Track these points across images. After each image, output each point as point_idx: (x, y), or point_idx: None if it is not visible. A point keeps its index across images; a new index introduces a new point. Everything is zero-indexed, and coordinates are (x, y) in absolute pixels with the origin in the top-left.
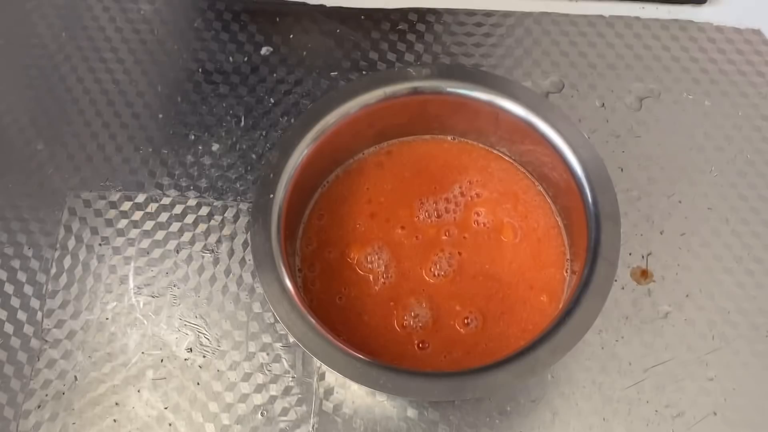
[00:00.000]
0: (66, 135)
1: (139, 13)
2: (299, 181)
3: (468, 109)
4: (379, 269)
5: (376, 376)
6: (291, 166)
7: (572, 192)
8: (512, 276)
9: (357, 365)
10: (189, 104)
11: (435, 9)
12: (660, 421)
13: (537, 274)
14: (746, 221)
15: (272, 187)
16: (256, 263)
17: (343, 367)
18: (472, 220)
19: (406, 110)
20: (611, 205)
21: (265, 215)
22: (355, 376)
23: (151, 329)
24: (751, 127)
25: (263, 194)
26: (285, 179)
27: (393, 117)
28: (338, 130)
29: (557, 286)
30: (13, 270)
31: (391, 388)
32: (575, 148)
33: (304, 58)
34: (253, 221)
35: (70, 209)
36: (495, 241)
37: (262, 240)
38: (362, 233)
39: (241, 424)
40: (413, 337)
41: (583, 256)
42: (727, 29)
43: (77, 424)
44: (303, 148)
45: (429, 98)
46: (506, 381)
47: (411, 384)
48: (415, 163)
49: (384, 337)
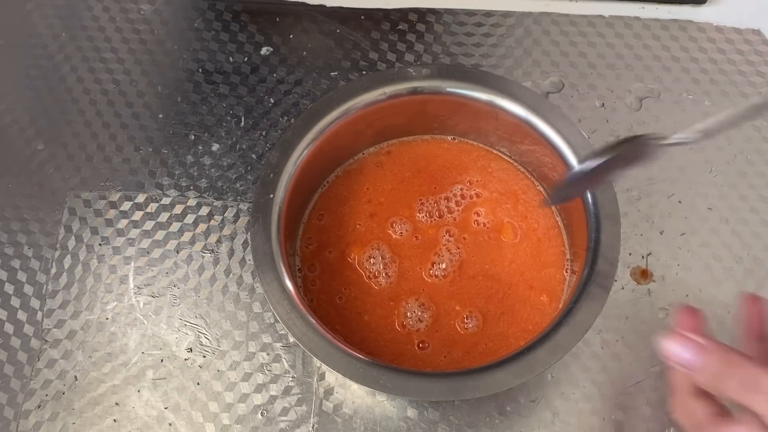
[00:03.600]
0: (66, 135)
1: (139, 13)
2: (299, 181)
3: (468, 109)
4: (378, 269)
5: (376, 376)
6: (291, 165)
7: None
8: (512, 276)
9: (357, 365)
10: (189, 104)
11: (435, 9)
12: (660, 421)
13: (537, 273)
14: (746, 221)
15: (272, 187)
16: (256, 263)
17: (344, 367)
18: (472, 220)
19: (406, 110)
20: (611, 205)
21: (265, 215)
22: (356, 376)
23: (151, 329)
24: (751, 127)
25: (263, 194)
26: (285, 179)
27: (393, 117)
28: (338, 130)
29: (557, 285)
30: (13, 270)
31: (391, 388)
32: (575, 148)
33: (304, 58)
34: (253, 221)
35: (70, 209)
36: (495, 241)
37: (262, 240)
38: (362, 233)
39: (241, 424)
40: (413, 337)
41: (583, 255)
42: (727, 29)
43: (77, 424)
44: (303, 148)
45: (429, 98)
46: (506, 381)
47: (411, 384)
48: (415, 162)
49: (384, 336)
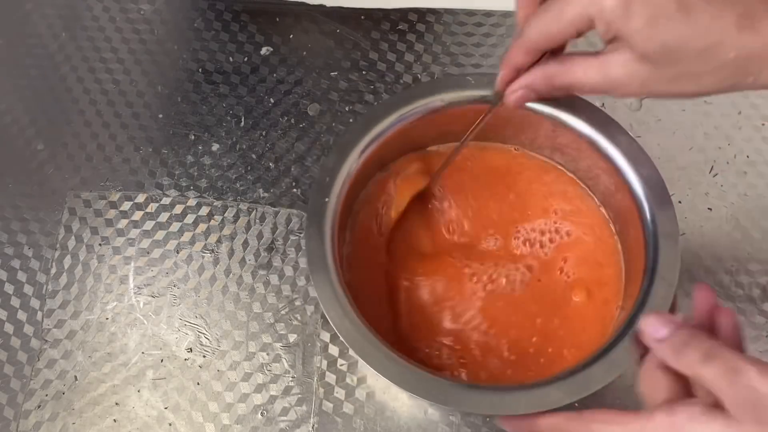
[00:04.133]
0: (66, 135)
1: (139, 13)
2: (355, 183)
3: (525, 120)
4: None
5: (429, 387)
6: (346, 169)
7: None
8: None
9: (420, 378)
10: (189, 104)
11: (435, 9)
12: None
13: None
14: (746, 221)
15: (327, 191)
16: (310, 267)
17: (398, 377)
18: (558, 267)
19: (464, 118)
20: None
21: (320, 219)
22: (414, 388)
23: (151, 329)
24: (751, 127)
25: (319, 198)
26: (340, 183)
27: (448, 125)
28: (398, 131)
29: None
30: (13, 270)
31: (443, 399)
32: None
33: (304, 58)
34: (309, 224)
35: (70, 209)
36: (564, 299)
37: (317, 244)
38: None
39: (241, 424)
40: (458, 351)
41: (640, 278)
42: None
43: (77, 424)
44: (360, 151)
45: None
46: (558, 398)
47: (463, 396)
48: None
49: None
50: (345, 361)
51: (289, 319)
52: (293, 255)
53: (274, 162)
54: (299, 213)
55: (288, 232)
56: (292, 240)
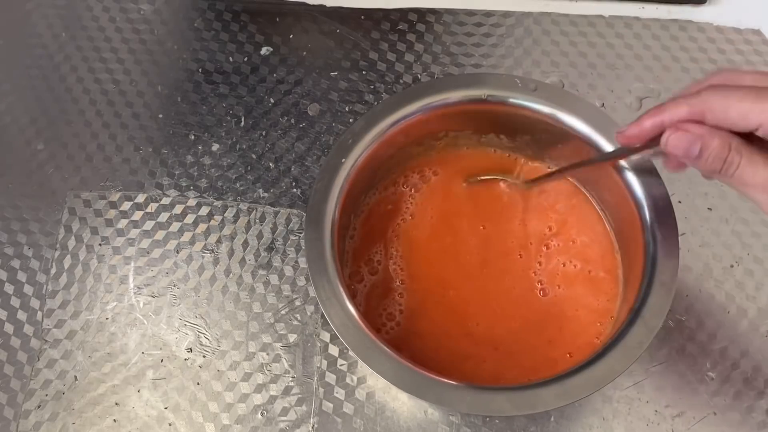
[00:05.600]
0: (66, 135)
1: (139, 13)
2: (355, 185)
3: (527, 120)
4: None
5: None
6: (346, 170)
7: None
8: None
9: (419, 378)
10: (189, 104)
11: (435, 9)
12: (660, 421)
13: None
14: (746, 221)
15: (327, 190)
16: (310, 267)
17: (398, 378)
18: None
19: (464, 118)
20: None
21: (320, 219)
22: (414, 389)
23: (151, 329)
24: None
25: (319, 197)
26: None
27: (450, 123)
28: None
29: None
30: (13, 270)
31: (443, 400)
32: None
33: (304, 58)
34: (308, 224)
35: (70, 209)
36: (563, 303)
37: (316, 244)
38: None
39: (241, 424)
40: (464, 349)
41: (638, 283)
42: (727, 29)
43: (77, 424)
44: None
45: (495, 108)
46: (555, 399)
47: (465, 397)
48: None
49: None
50: (345, 361)
51: (289, 319)
52: (293, 255)
53: (274, 162)
54: (299, 213)
55: (288, 232)
56: (292, 240)
